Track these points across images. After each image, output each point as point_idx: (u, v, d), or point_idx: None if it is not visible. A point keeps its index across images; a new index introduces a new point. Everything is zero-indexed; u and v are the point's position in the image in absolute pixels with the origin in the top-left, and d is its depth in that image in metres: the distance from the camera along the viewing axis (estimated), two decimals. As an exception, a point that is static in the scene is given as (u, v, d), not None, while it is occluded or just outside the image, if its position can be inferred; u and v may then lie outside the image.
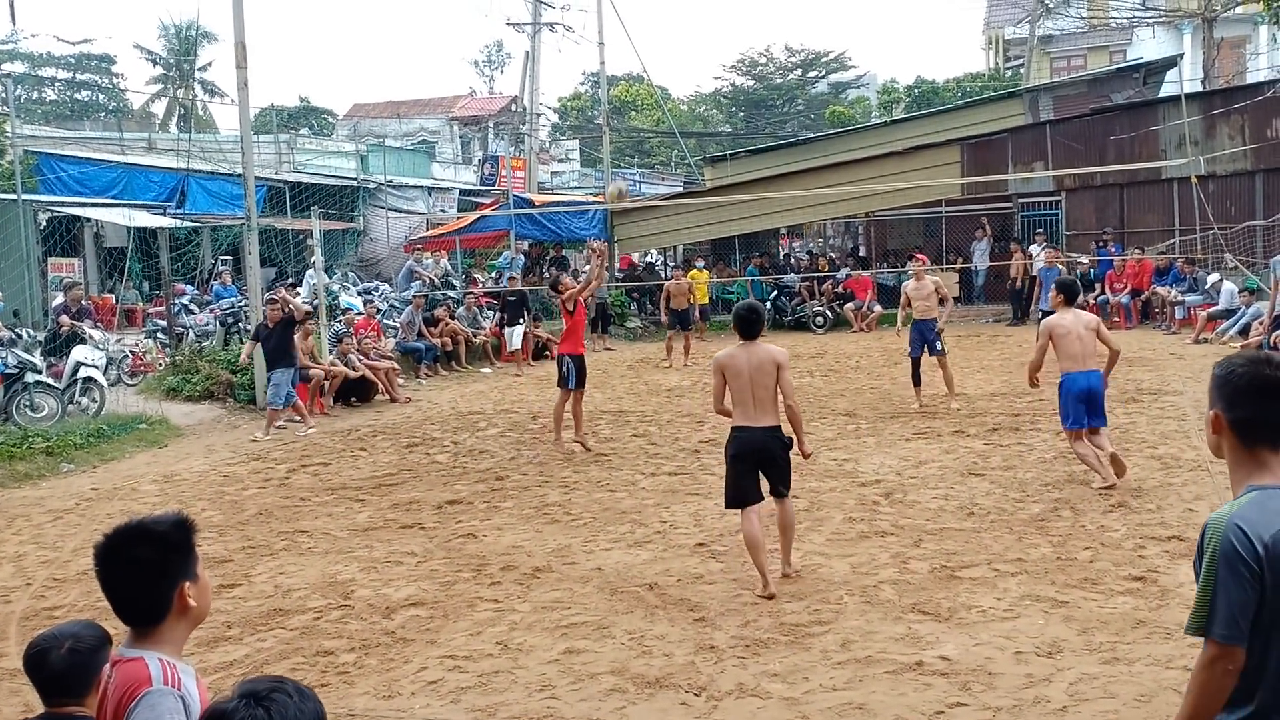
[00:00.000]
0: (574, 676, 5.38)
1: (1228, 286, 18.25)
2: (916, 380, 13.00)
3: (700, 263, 24.46)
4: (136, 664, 2.44)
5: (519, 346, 19.15)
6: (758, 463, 6.62)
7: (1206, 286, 19.20)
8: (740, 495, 6.63)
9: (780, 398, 6.69)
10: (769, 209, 24.51)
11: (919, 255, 14.25)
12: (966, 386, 14.19)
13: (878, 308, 23.15)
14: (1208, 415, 2.56)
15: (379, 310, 19.00)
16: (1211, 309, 18.52)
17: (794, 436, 6.74)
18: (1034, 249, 22.71)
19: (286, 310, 13.34)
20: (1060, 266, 17.46)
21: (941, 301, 13.13)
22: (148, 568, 2.45)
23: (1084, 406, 8.58)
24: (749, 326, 6.77)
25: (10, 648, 6.08)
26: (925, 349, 12.90)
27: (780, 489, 6.68)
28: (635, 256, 30.19)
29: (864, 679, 5.17)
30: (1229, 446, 2.51)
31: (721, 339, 22.77)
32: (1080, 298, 10.11)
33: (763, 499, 6.64)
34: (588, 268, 28.61)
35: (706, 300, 22.69)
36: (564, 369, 11.26)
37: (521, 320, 19.44)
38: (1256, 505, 2.36)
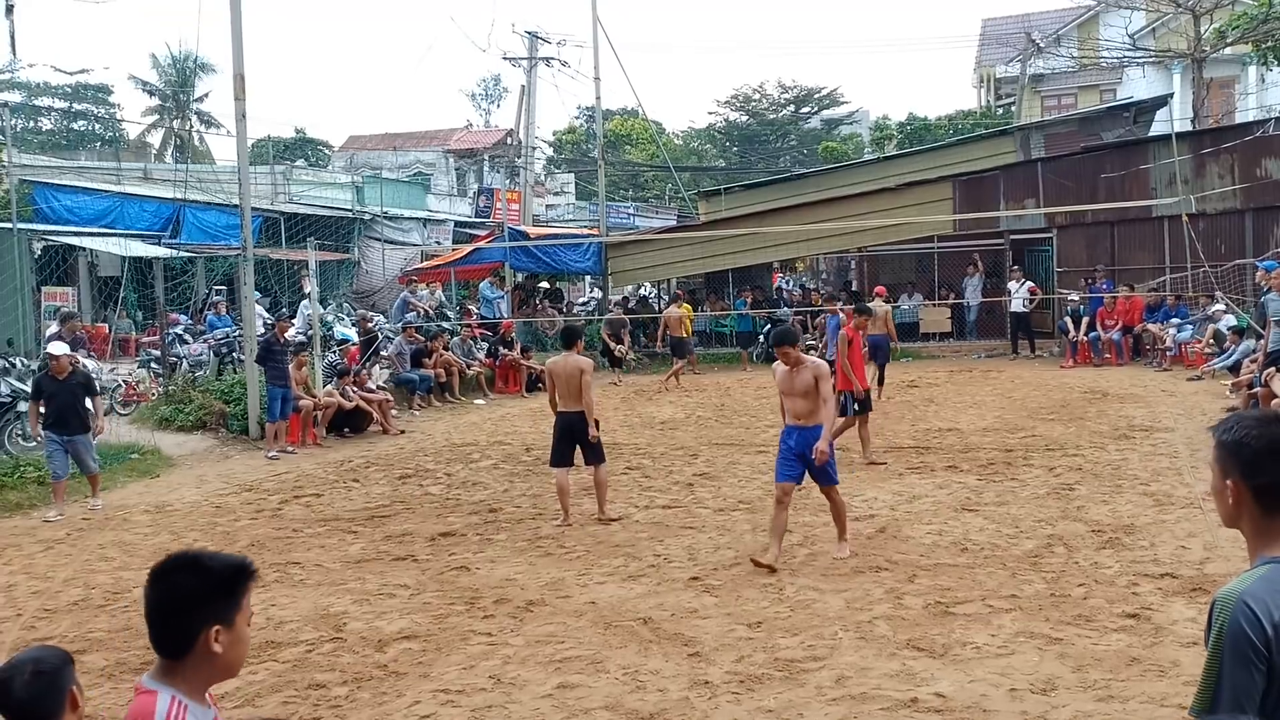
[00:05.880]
0: (567, 711, 5.35)
1: (1225, 320, 18.36)
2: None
3: (682, 297, 25.02)
4: (149, 697, 2.40)
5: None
6: (573, 436, 9.32)
7: (1211, 310, 19.30)
8: (559, 458, 9.40)
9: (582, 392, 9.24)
10: (762, 243, 24.63)
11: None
12: (959, 422, 14.23)
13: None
14: (1217, 485, 2.38)
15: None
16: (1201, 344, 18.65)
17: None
18: (1012, 285, 22.79)
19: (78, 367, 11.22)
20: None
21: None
22: (179, 599, 2.39)
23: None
24: (571, 340, 9.50)
25: None
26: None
27: (590, 458, 9.37)
28: (628, 289, 30.26)
29: (859, 715, 5.16)
30: (1249, 517, 2.34)
31: (715, 370, 22.89)
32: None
33: (573, 463, 9.44)
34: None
35: (690, 334, 22.78)
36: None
37: (369, 362, 16.82)
38: (1267, 582, 2.25)
